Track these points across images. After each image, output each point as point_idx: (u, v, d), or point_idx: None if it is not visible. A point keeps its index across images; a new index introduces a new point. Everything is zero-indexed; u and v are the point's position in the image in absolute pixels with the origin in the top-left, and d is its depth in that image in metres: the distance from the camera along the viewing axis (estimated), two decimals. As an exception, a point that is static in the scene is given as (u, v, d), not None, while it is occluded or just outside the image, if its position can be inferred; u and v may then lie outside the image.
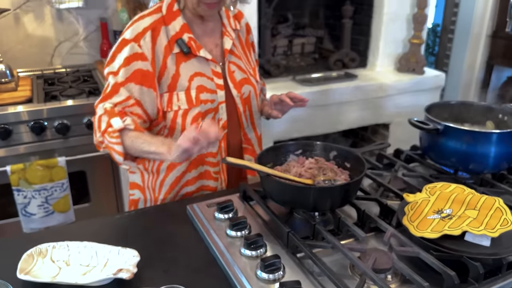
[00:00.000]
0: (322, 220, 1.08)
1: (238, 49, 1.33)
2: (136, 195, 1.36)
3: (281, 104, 1.34)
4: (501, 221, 0.91)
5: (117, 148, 1.10)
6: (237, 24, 1.34)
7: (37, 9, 2.36)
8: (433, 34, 4.70)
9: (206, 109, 1.22)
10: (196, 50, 1.20)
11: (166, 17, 1.20)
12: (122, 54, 1.16)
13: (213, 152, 1.29)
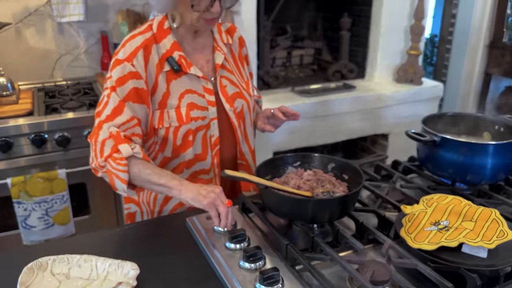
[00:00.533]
0: (320, 232, 1.08)
1: (230, 64, 1.33)
2: (132, 209, 1.36)
3: (273, 118, 1.35)
4: (497, 232, 0.91)
5: (122, 175, 1.08)
6: (229, 38, 1.34)
7: (38, 23, 2.39)
8: (431, 44, 4.73)
9: (197, 126, 1.22)
10: (187, 68, 1.21)
11: (157, 35, 1.20)
12: (116, 73, 1.15)
13: (205, 169, 1.29)
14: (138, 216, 1.37)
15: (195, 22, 1.16)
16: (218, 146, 1.28)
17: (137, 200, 1.34)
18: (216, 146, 1.28)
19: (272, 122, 1.37)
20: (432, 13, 5.08)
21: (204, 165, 1.28)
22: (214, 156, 1.28)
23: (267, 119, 1.37)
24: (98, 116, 1.16)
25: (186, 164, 1.26)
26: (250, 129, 1.38)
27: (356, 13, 2.76)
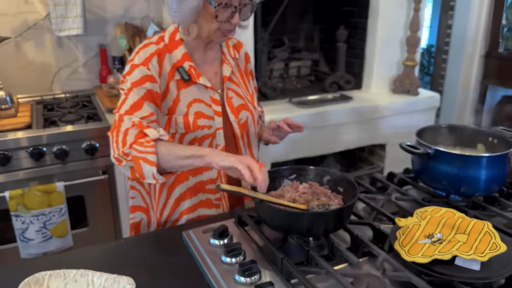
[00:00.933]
0: (316, 244, 1.09)
1: (236, 77, 1.37)
2: (137, 218, 1.37)
3: (278, 130, 1.38)
4: (490, 245, 0.92)
5: (150, 157, 1.06)
6: (236, 53, 1.39)
7: (37, 36, 2.41)
8: (427, 54, 4.77)
9: (203, 134, 1.25)
10: (196, 78, 1.24)
11: (168, 46, 1.24)
12: (133, 76, 1.18)
13: (212, 179, 1.30)
14: (143, 226, 1.37)
15: (212, 34, 1.20)
16: None
17: (145, 207, 1.35)
18: None
19: (277, 133, 1.40)
20: (428, 24, 5.14)
21: (211, 174, 1.30)
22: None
23: (272, 130, 1.40)
24: (117, 112, 1.18)
25: (192, 172, 1.28)
26: (254, 140, 1.41)
27: (352, 25, 2.79)
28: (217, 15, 1.15)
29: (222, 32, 1.20)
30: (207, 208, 1.32)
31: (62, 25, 2.28)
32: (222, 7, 1.14)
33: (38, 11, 2.38)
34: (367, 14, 2.70)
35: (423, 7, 2.67)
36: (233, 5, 1.15)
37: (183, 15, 1.16)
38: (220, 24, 1.17)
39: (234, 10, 1.15)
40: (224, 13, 1.16)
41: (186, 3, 1.13)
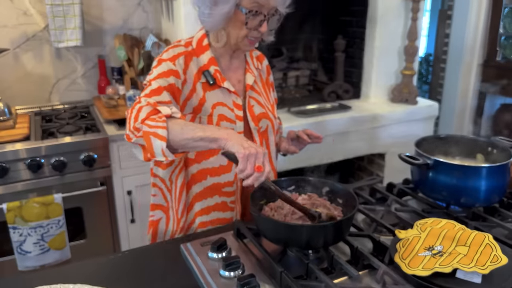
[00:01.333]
0: (315, 257, 1.08)
1: (258, 86, 1.40)
2: (156, 216, 1.38)
3: (297, 140, 1.40)
4: (491, 257, 0.91)
5: (161, 132, 1.04)
6: (259, 64, 1.43)
7: (36, 48, 2.42)
8: (426, 63, 4.79)
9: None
10: (221, 82, 1.27)
11: (196, 50, 1.28)
12: (159, 69, 1.21)
13: (230, 181, 1.32)
14: (162, 224, 1.37)
15: (240, 41, 1.24)
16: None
17: (165, 206, 1.36)
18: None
19: (296, 143, 1.42)
20: (426, 33, 5.16)
21: (228, 177, 1.31)
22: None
23: (291, 140, 1.42)
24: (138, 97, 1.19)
25: (210, 172, 1.29)
26: (273, 149, 1.43)
27: (351, 34, 2.80)
28: (247, 22, 1.19)
29: (250, 39, 1.24)
30: (221, 211, 1.33)
31: (61, 37, 2.28)
32: (252, 15, 1.18)
33: (37, 23, 2.39)
34: (365, 24, 2.71)
35: (421, 17, 2.69)
36: (262, 14, 1.19)
37: (214, 20, 1.20)
38: (248, 31, 1.21)
39: (263, 18, 1.20)
40: (254, 21, 1.20)
41: (218, 9, 1.17)
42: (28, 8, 2.35)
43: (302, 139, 1.36)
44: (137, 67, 2.50)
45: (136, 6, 2.59)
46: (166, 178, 1.32)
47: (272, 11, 1.21)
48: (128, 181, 2.17)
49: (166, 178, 1.33)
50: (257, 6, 1.17)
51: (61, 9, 2.23)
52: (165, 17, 2.53)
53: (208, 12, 1.19)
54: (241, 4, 1.17)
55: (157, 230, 1.39)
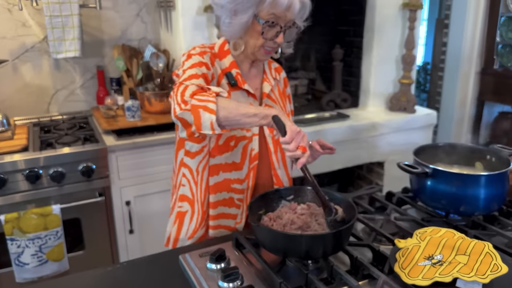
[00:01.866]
0: (315, 268, 1.07)
1: (275, 95, 1.43)
2: (184, 207, 1.39)
3: (311, 149, 1.38)
4: (491, 266, 0.91)
5: (211, 106, 1.09)
6: (277, 75, 1.46)
7: (35, 59, 2.43)
8: (423, 72, 4.81)
9: (242, 135, 1.31)
10: (242, 84, 1.31)
11: (219, 54, 1.33)
12: (191, 61, 1.25)
13: (240, 179, 1.33)
14: (187, 217, 1.38)
15: (257, 50, 1.28)
16: (256, 161, 1.34)
17: (191, 199, 1.37)
18: (255, 161, 1.34)
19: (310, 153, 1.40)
20: (423, 42, 5.19)
21: (239, 174, 1.33)
22: (251, 169, 1.34)
23: None
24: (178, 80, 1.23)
25: (223, 168, 1.32)
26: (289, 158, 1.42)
27: (348, 44, 2.81)
28: (263, 32, 1.23)
29: (266, 50, 1.28)
30: (227, 206, 1.35)
31: (60, 48, 2.29)
32: (269, 25, 1.22)
33: (36, 34, 2.40)
34: (363, 33, 2.73)
35: (418, 26, 2.70)
36: (279, 25, 1.23)
37: (233, 29, 1.25)
38: (265, 42, 1.25)
39: (280, 29, 1.23)
40: (270, 32, 1.23)
41: (238, 19, 1.22)
42: (27, 19, 2.37)
43: (315, 149, 1.36)
44: (136, 78, 2.51)
45: (134, 17, 2.60)
46: (194, 168, 1.34)
47: (289, 23, 1.24)
48: (126, 192, 2.16)
49: (194, 168, 1.34)
50: (274, 18, 1.21)
51: (60, 20, 2.24)
52: (164, 28, 2.54)
53: (228, 21, 1.25)
54: (259, 15, 1.21)
55: (183, 222, 1.39)
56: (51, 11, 2.21)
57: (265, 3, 1.19)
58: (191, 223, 1.38)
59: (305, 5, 1.24)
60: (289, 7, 1.19)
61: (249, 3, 1.20)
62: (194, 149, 1.31)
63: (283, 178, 1.43)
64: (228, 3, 1.22)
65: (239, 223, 1.38)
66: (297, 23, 1.27)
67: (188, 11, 2.23)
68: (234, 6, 1.21)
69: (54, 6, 2.21)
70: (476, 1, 3.29)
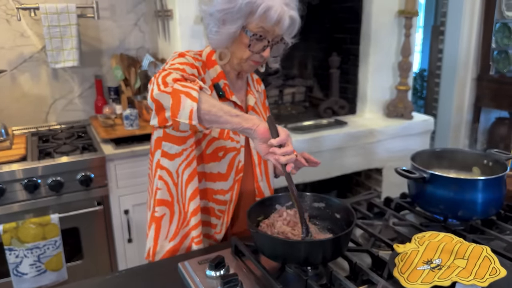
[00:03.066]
0: (314, 273, 1.07)
1: (259, 107, 1.43)
2: (160, 212, 1.33)
3: (296, 161, 1.37)
4: (489, 270, 0.91)
5: (194, 93, 1.03)
6: (259, 87, 1.46)
7: (33, 69, 2.43)
8: (420, 78, 4.84)
9: (231, 146, 1.29)
10: (229, 95, 1.30)
11: (207, 63, 1.30)
12: (182, 59, 1.22)
13: (224, 189, 1.32)
14: (166, 220, 1.33)
15: (243, 62, 1.26)
16: (241, 174, 1.33)
17: (170, 201, 1.32)
18: (240, 173, 1.33)
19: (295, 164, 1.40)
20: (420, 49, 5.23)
21: (223, 185, 1.31)
22: (236, 181, 1.32)
23: None
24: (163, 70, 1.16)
25: (207, 177, 1.30)
26: (271, 168, 1.44)
27: (345, 51, 2.83)
28: (250, 44, 1.21)
29: (254, 62, 1.25)
30: (208, 215, 1.33)
31: (58, 57, 2.30)
32: (256, 39, 1.20)
33: (34, 44, 2.41)
34: (359, 41, 2.75)
35: (414, 33, 2.73)
36: (266, 39, 1.21)
37: (220, 39, 1.23)
38: (251, 54, 1.23)
39: (267, 44, 1.22)
40: (257, 45, 1.22)
41: (226, 28, 1.20)
42: (25, 29, 2.38)
43: (299, 162, 1.33)
44: (134, 87, 2.52)
45: (132, 26, 2.62)
46: (174, 170, 1.28)
47: (277, 38, 1.23)
48: (125, 200, 2.16)
49: (173, 171, 1.28)
50: (262, 31, 1.19)
51: (58, 30, 2.26)
52: (162, 37, 2.56)
53: (216, 30, 1.23)
54: (248, 27, 1.20)
55: (160, 226, 1.34)
56: (49, 21, 2.23)
57: (255, 16, 1.17)
58: (171, 225, 1.33)
59: (295, 21, 1.22)
60: (278, 22, 1.18)
61: (239, 14, 1.18)
62: (173, 151, 1.26)
63: (265, 191, 1.42)
64: (217, 11, 1.20)
65: (218, 233, 1.34)
66: (285, 39, 1.25)
67: (185, 20, 2.24)
68: (223, 16, 1.20)
69: (52, 16, 2.22)
70: (471, 8, 3.32)
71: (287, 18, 1.18)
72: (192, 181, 1.28)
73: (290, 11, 1.19)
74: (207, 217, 1.34)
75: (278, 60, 1.35)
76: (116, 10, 2.55)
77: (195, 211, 1.29)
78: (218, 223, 1.34)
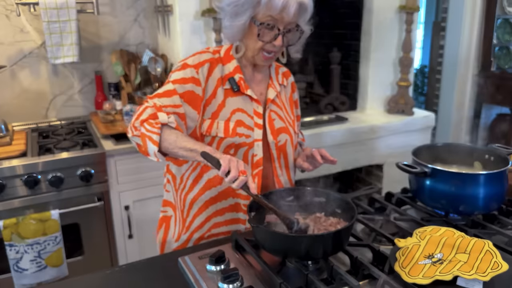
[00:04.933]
0: (315, 268, 1.07)
1: (281, 100, 1.41)
2: (169, 213, 1.43)
3: (312, 158, 1.39)
4: (491, 264, 0.91)
5: (155, 137, 1.14)
6: (284, 80, 1.45)
7: (33, 65, 2.43)
8: (421, 75, 4.83)
9: (240, 142, 1.29)
10: (244, 89, 1.30)
11: (223, 58, 1.32)
12: (181, 73, 1.26)
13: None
14: (172, 221, 1.41)
15: (256, 54, 1.27)
16: (260, 167, 1.33)
17: (173, 205, 1.40)
18: (259, 167, 1.33)
19: (311, 161, 1.41)
20: (420, 45, 5.21)
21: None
22: (255, 176, 1.33)
23: (306, 157, 1.42)
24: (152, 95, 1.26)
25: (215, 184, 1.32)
26: (292, 163, 1.44)
27: (346, 47, 2.82)
28: (259, 34, 1.22)
29: (265, 55, 1.26)
30: (235, 211, 1.35)
31: (57, 53, 2.29)
32: (265, 28, 1.21)
33: (34, 40, 2.40)
34: (360, 37, 2.73)
35: (415, 29, 2.71)
36: (276, 27, 1.21)
37: (232, 32, 1.26)
38: (263, 44, 1.24)
39: (278, 32, 1.22)
40: (268, 34, 1.22)
41: (237, 21, 1.22)
42: (25, 25, 2.37)
43: (315, 159, 1.36)
44: (134, 82, 2.51)
45: (132, 22, 2.61)
46: (178, 176, 1.35)
47: (289, 26, 1.22)
48: (125, 196, 2.15)
49: (178, 177, 1.35)
50: (271, 20, 1.20)
51: (57, 25, 2.25)
52: (162, 33, 2.55)
53: (229, 24, 1.25)
54: (256, 17, 1.21)
55: (169, 226, 1.42)
56: (49, 16, 2.22)
57: (261, 5, 1.18)
58: (176, 227, 1.40)
59: (304, 6, 1.21)
60: (283, 8, 1.17)
61: (246, 6, 1.20)
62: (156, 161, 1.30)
63: (286, 184, 1.42)
64: (227, 5, 1.22)
65: (249, 229, 1.35)
66: (300, 26, 1.25)
67: (185, 16, 2.23)
68: (232, 9, 1.21)
69: (52, 12, 2.21)
70: (473, 4, 3.30)
71: (293, 3, 1.18)
72: (196, 185, 1.33)
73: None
74: (234, 214, 1.35)
75: (299, 50, 1.35)
76: (116, 6, 2.54)
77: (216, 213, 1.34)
78: (245, 217, 1.35)
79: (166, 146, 1.15)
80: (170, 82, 1.25)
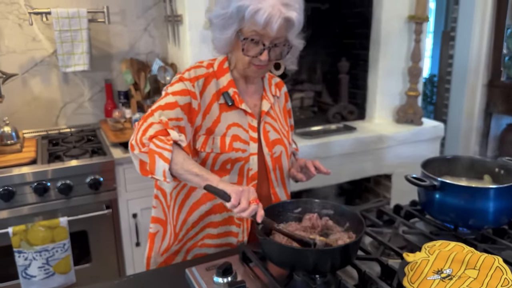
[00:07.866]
0: (322, 282, 1.06)
1: (275, 112, 1.41)
2: (154, 229, 1.41)
3: (306, 168, 1.39)
4: (501, 281, 0.90)
5: (166, 154, 1.09)
6: (278, 91, 1.44)
7: (44, 73, 2.46)
8: (430, 84, 4.80)
9: (237, 157, 1.28)
10: (239, 103, 1.30)
11: (217, 72, 1.31)
12: (180, 85, 1.25)
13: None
14: (158, 237, 1.39)
15: (246, 67, 1.26)
16: (256, 181, 1.33)
17: (164, 220, 1.38)
18: (254, 180, 1.32)
19: (305, 171, 1.41)
20: (429, 54, 5.19)
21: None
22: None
23: (300, 168, 1.42)
24: (151, 107, 1.23)
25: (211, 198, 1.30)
26: (286, 173, 1.44)
27: (354, 56, 2.82)
28: (243, 48, 1.21)
29: (256, 66, 1.25)
30: (228, 224, 1.34)
31: (68, 62, 2.32)
32: (250, 42, 1.20)
33: (45, 48, 2.43)
34: (369, 46, 2.73)
35: (424, 38, 2.71)
36: (261, 42, 1.20)
37: (221, 44, 1.26)
38: (251, 59, 1.23)
39: (263, 47, 1.20)
40: (253, 49, 1.22)
41: (224, 34, 1.22)
42: (37, 34, 2.40)
43: (309, 170, 1.36)
44: (144, 91, 2.53)
45: (142, 31, 2.63)
46: (168, 192, 1.34)
47: (276, 41, 1.20)
48: (133, 204, 2.16)
49: (168, 192, 1.34)
50: (256, 35, 1.18)
51: (69, 34, 2.28)
52: (171, 42, 2.57)
53: (218, 36, 1.25)
54: (241, 31, 1.20)
55: (154, 242, 1.41)
56: (61, 25, 2.25)
57: (245, 20, 1.17)
58: (164, 241, 1.38)
59: (291, 21, 1.18)
60: (267, 24, 1.14)
61: (232, 20, 1.19)
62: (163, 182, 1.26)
63: (282, 196, 1.42)
64: (215, 17, 1.23)
65: (241, 241, 1.35)
66: (289, 41, 1.24)
67: (195, 26, 2.25)
68: (220, 21, 1.22)
69: (64, 21, 2.24)
70: (482, 13, 3.29)
71: (277, 20, 1.14)
72: (186, 203, 1.32)
73: (287, 12, 1.16)
74: (227, 227, 1.34)
75: (295, 62, 1.35)
76: (126, 15, 2.57)
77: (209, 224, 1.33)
78: (239, 231, 1.34)
79: (173, 167, 1.10)
80: (170, 94, 1.23)
